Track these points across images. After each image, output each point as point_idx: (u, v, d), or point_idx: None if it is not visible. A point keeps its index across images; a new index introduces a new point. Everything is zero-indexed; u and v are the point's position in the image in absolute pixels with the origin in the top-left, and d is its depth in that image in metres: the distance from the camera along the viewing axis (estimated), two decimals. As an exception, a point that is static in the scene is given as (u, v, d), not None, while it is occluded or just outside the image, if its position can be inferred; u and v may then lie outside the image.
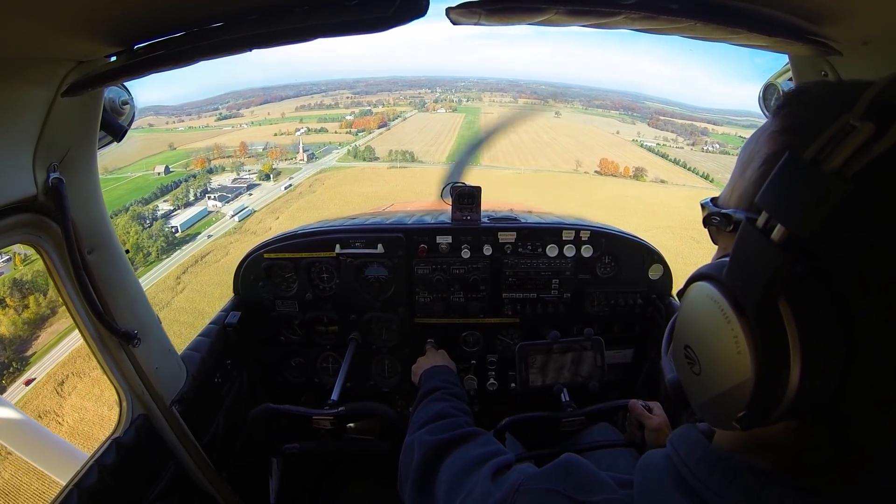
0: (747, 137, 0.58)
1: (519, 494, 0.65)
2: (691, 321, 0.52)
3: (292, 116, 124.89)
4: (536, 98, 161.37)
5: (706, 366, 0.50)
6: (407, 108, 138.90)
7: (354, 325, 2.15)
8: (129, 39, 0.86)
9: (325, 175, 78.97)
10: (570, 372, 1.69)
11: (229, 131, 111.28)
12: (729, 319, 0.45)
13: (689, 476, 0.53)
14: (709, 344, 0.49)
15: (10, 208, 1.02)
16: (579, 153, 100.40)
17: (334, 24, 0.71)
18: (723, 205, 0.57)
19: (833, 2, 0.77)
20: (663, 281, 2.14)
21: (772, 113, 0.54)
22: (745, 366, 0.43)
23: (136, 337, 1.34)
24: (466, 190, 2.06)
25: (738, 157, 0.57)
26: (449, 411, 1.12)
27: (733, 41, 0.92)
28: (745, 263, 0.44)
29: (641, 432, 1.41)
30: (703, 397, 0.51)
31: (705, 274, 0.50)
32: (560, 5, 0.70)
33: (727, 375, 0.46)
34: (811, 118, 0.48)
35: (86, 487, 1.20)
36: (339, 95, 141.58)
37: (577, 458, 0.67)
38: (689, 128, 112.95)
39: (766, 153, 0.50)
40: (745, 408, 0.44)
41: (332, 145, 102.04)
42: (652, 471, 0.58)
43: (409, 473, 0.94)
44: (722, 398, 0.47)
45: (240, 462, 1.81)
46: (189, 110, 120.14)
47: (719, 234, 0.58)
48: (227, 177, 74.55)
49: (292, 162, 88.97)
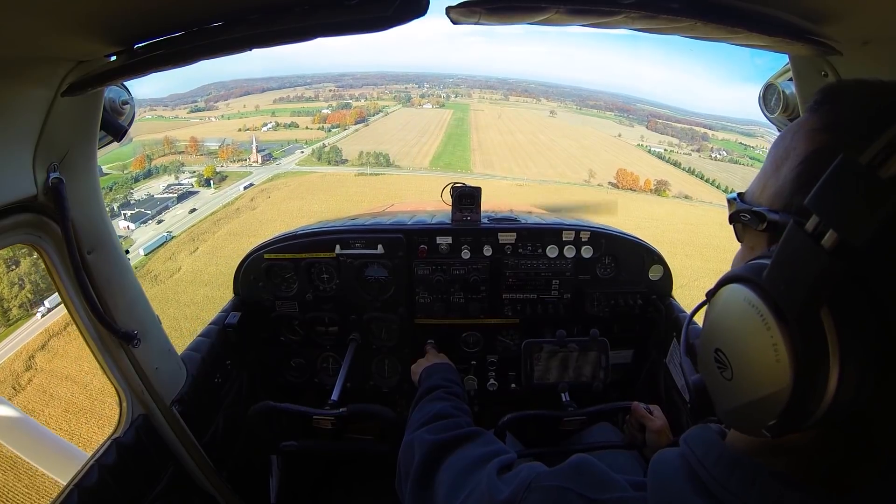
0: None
1: (530, 492, 0.64)
2: (725, 325, 0.50)
3: (266, 109, 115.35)
4: (528, 96, 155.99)
5: (739, 372, 0.48)
6: (390, 103, 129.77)
7: (354, 325, 2.15)
8: (129, 39, 0.86)
9: (277, 183, 64.59)
10: (574, 371, 1.70)
11: (196, 124, 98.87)
12: (769, 326, 0.43)
13: (707, 478, 0.52)
14: (744, 350, 0.47)
15: (10, 208, 1.02)
16: (585, 159, 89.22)
17: (334, 24, 0.71)
18: (752, 201, 0.55)
19: (833, 2, 0.77)
20: (663, 282, 2.14)
21: (808, 109, 0.52)
22: (784, 375, 0.41)
23: (136, 337, 1.34)
24: (466, 190, 2.06)
25: (769, 153, 0.56)
26: (449, 411, 1.11)
27: (733, 41, 0.91)
28: (791, 268, 0.42)
29: (642, 434, 1.41)
30: (733, 403, 0.49)
31: (742, 276, 0.47)
32: (560, 5, 0.70)
33: (763, 383, 0.44)
34: (856, 119, 0.46)
35: (86, 487, 1.20)
36: (322, 88, 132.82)
37: (589, 457, 0.66)
38: (689, 132, 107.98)
39: (805, 151, 0.49)
40: (777, 416, 0.43)
41: (298, 144, 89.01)
42: (666, 470, 0.57)
43: (408, 473, 0.93)
44: (754, 405, 0.46)
45: (240, 462, 1.81)
46: (168, 102, 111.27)
47: (746, 231, 0.57)
48: (164, 181, 61.43)
49: (244, 164, 75.62)
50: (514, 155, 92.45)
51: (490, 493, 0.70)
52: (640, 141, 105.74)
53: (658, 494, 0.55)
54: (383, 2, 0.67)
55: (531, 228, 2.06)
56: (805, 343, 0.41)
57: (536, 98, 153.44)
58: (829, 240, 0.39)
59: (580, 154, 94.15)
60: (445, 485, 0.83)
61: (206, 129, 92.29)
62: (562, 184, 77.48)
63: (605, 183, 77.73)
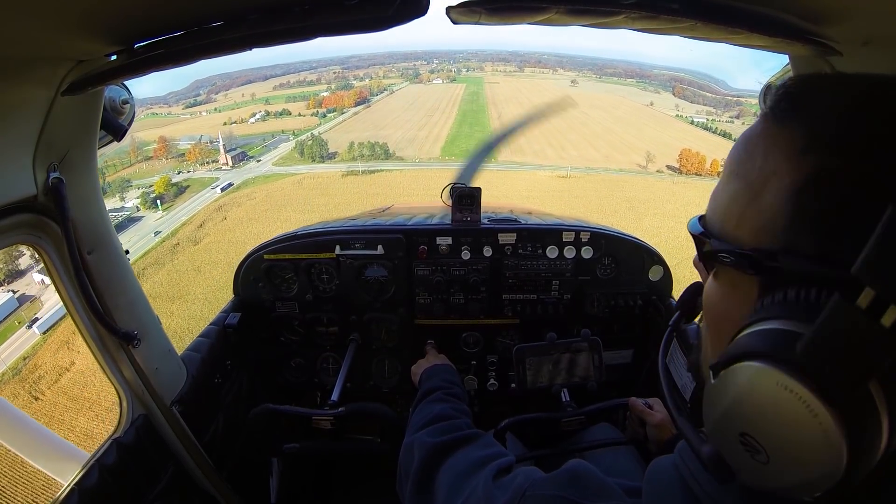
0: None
1: (525, 499, 0.64)
2: (752, 409, 0.42)
3: (262, 98, 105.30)
4: (544, 66, 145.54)
5: (778, 458, 0.42)
6: (397, 81, 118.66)
7: (354, 325, 2.15)
8: (129, 38, 0.86)
9: (239, 195, 48.42)
10: (568, 373, 1.69)
11: (186, 120, 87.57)
12: (815, 413, 0.37)
13: (702, 494, 0.50)
14: (783, 436, 0.40)
15: (10, 208, 1.02)
16: (627, 135, 70.93)
17: (334, 24, 0.71)
18: (727, 234, 0.48)
19: (833, 2, 0.77)
20: (663, 282, 2.14)
21: (773, 116, 0.46)
22: (837, 458, 0.37)
23: (136, 337, 1.34)
24: (466, 191, 2.06)
25: (733, 170, 0.49)
26: (449, 412, 1.11)
27: (733, 41, 0.92)
28: (838, 349, 0.36)
29: (643, 429, 1.40)
30: (770, 484, 0.43)
31: (765, 353, 0.40)
32: (560, 4, 0.70)
33: (810, 468, 0.39)
34: (843, 135, 0.41)
35: (86, 487, 1.20)
36: (327, 71, 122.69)
37: (585, 464, 0.66)
38: (722, 100, 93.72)
39: (794, 178, 0.42)
40: (824, 491, 0.39)
41: (285, 134, 75.82)
42: (660, 481, 0.56)
43: (408, 474, 0.94)
44: (798, 486, 0.41)
45: (240, 462, 1.81)
46: (168, 100, 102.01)
47: (723, 270, 0.50)
48: (112, 203, 46.71)
49: (212, 167, 62.04)
50: (546, 134, 72.57)
51: (486, 499, 0.70)
52: (676, 111, 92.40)
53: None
54: (383, 2, 0.67)
55: (531, 229, 2.06)
56: (862, 425, 0.36)
57: (552, 68, 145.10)
58: (890, 317, 0.33)
59: (620, 129, 76.61)
60: (444, 487, 0.83)
61: (190, 126, 79.67)
62: (613, 172, 58.45)
63: (662, 167, 60.79)
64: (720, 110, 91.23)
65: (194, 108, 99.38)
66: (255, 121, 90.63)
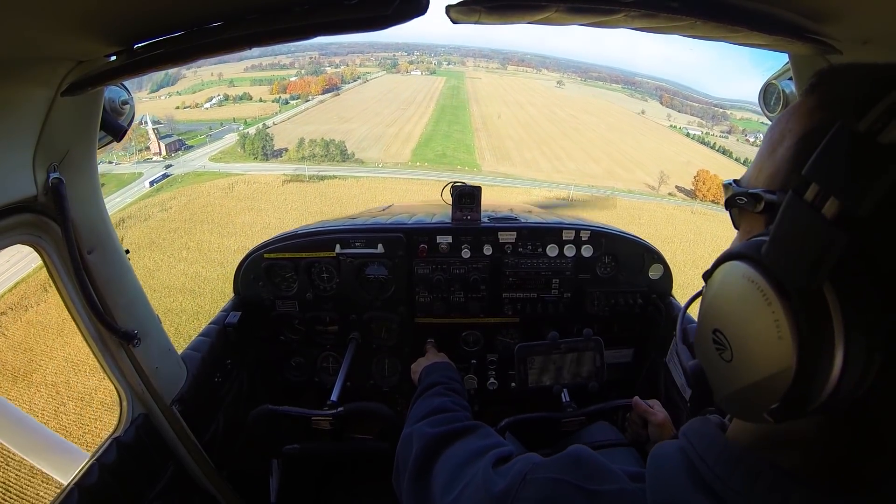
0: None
1: (525, 483, 0.63)
2: (723, 304, 0.48)
3: (227, 79, 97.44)
4: (527, 66, 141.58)
5: (739, 352, 0.46)
6: (373, 70, 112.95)
7: (354, 324, 2.15)
8: (128, 39, 0.86)
9: (156, 200, 39.43)
10: (569, 372, 1.69)
11: (144, 101, 75.49)
12: (770, 302, 0.41)
13: (708, 473, 0.50)
14: (745, 328, 0.45)
15: (10, 208, 1.02)
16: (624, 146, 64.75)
17: (333, 23, 0.71)
18: (748, 184, 0.54)
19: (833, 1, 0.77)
20: (663, 281, 2.14)
21: (804, 93, 0.52)
22: (786, 353, 0.40)
23: (135, 337, 1.34)
24: (466, 190, 2.06)
25: (764, 138, 0.55)
26: (448, 405, 1.11)
27: (733, 40, 0.91)
28: (791, 241, 0.40)
29: (646, 430, 1.40)
30: (734, 386, 0.47)
31: (739, 253, 0.46)
32: (560, 3, 0.70)
33: (764, 363, 0.42)
34: (852, 94, 0.45)
35: (86, 486, 1.20)
36: (304, 56, 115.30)
37: (586, 449, 0.65)
38: (709, 111, 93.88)
39: (802, 130, 0.48)
40: (780, 399, 0.41)
41: (237, 123, 66.95)
42: (665, 464, 0.56)
43: (406, 465, 0.93)
44: (755, 387, 0.44)
45: (240, 461, 1.82)
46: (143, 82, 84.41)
47: (742, 216, 0.56)
48: None
49: (142, 157, 53.10)
50: (538, 141, 64.59)
51: (486, 486, 0.68)
52: (668, 120, 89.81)
53: (657, 488, 0.53)
54: (383, 1, 0.67)
55: (531, 227, 2.06)
56: (808, 318, 0.39)
57: (536, 68, 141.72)
58: (829, 209, 0.37)
59: (617, 139, 69.33)
60: (442, 477, 0.82)
61: (146, 108, 67.25)
62: (621, 194, 48.77)
63: (673, 188, 52.33)
64: (708, 122, 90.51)
65: (160, 91, 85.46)
66: (210, 105, 77.89)
